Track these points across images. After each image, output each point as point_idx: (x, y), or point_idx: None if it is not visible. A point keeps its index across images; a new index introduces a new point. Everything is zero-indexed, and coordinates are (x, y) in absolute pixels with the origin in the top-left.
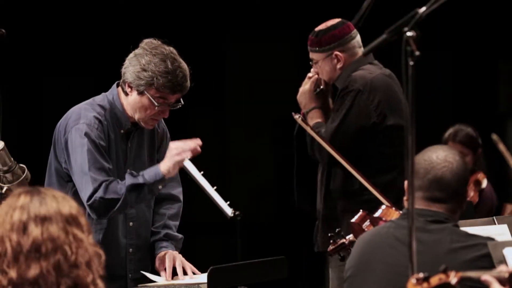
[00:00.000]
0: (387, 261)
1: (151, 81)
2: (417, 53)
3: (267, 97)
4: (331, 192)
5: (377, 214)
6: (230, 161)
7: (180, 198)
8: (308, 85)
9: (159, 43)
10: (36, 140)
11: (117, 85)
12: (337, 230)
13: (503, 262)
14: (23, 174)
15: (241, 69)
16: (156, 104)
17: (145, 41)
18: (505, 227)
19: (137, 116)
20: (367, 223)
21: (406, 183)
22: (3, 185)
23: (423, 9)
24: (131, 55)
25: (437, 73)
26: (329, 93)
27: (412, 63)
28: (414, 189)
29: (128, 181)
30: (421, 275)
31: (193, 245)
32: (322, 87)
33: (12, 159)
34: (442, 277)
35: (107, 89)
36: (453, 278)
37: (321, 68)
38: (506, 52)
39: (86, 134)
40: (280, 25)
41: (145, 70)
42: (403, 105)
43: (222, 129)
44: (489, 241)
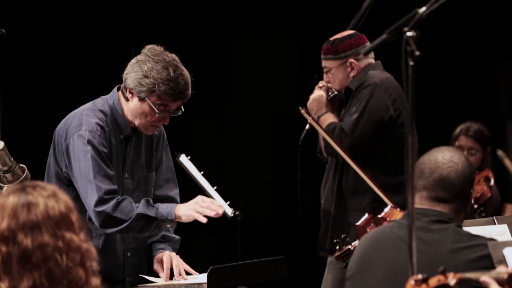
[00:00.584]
0: (389, 261)
1: (152, 88)
2: (417, 53)
3: (267, 97)
4: (343, 191)
5: (382, 214)
6: (230, 161)
7: (177, 199)
8: (320, 92)
9: (162, 49)
10: (36, 140)
11: (118, 89)
12: (342, 236)
13: (503, 262)
14: (23, 174)
15: (241, 69)
16: (157, 111)
17: (148, 47)
18: (505, 227)
19: (137, 122)
20: (372, 226)
21: None
22: (3, 185)
23: (423, 9)
24: (133, 61)
25: (437, 73)
26: (337, 102)
27: (412, 63)
28: (414, 189)
29: (140, 208)
30: (419, 276)
31: (193, 245)
32: (335, 92)
33: (12, 159)
34: (440, 278)
35: (107, 89)
36: (452, 279)
37: (334, 76)
38: (506, 52)
39: (89, 141)
40: (280, 25)
41: (147, 76)
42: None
43: (222, 129)
44: (489, 241)
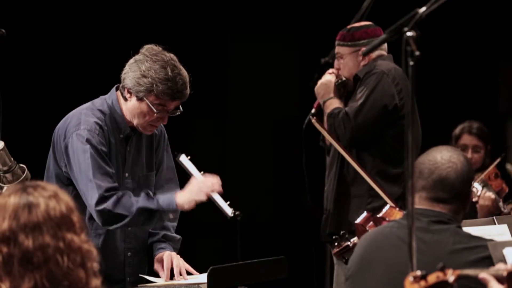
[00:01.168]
0: (389, 261)
1: (150, 88)
2: (417, 53)
3: (267, 97)
4: (344, 179)
5: (381, 214)
6: (230, 161)
7: None
8: (329, 77)
9: (160, 49)
10: (36, 140)
11: (116, 89)
12: (341, 232)
13: (503, 262)
14: (23, 174)
15: (241, 69)
16: (155, 110)
17: (146, 47)
18: (505, 227)
19: (135, 121)
20: (370, 224)
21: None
22: (3, 185)
23: (423, 9)
24: (131, 60)
25: (437, 73)
26: (345, 90)
27: (412, 63)
28: (414, 189)
29: (141, 202)
30: (418, 273)
31: (193, 245)
32: (344, 79)
33: (12, 159)
34: (439, 275)
35: (107, 90)
36: (451, 276)
37: (344, 62)
38: (506, 52)
39: (87, 140)
40: (280, 25)
41: (145, 76)
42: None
43: (222, 129)
44: (489, 242)
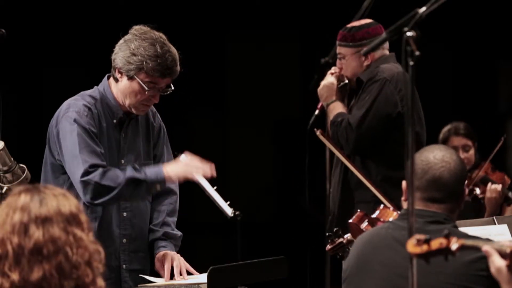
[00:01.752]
0: (385, 262)
1: (140, 65)
2: (417, 53)
3: (267, 97)
4: (349, 183)
5: (375, 214)
6: (230, 161)
7: (176, 190)
8: (331, 78)
9: (148, 28)
10: (36, 140)
11: (108, 78)
12: (335, 229)
13: None
14: (23, 174)
15: (241, 69)
16: (146, 88)
17: (135, 27)
18: (505, 227)
19: (127, 102)
20: (365, 224)
21: (404, 184)
22: (3, 185)
23: (423, 9)
24: (121, 41)
25: (437, 72)
26: (347, 91)
27: (412, 63)
28: (413, 189)
29: (128, 173)
30: (422, 237)
31: (193, 245)
32: (346, 81)
33: (12, 159)
34: (443, 241)
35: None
36: (454, 243)
37: (347, 63)
38: (505, 52)
39: (75, 120)
40: (280, 25)
41: (134, 54)
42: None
43: (222, 129)
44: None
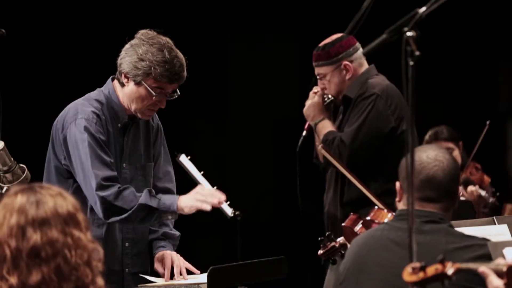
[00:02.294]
0: (382, 264)
1: (148, 71)
2: (417, 53)
3: (267, 97)
4: (348, 201)
5: (369, 216)
6: (230, 161)
7: (175, 191)
8: (316, 98)
9: (155, 33)
10: (36, 140)
11: (112, 80)
12: (327, 233)
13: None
14: (23, 174)
15: (241, 69)
16: (153, 94)
17: (141, 32)
18: (505, 227)
19: (133, 107)
20: (360, 226)
21: (397, 184)
22: (3, 185)
23: (423, 9)
24: (127, 45)
25: (437, 73)
26: (332, 109)
27: (412, 63)
28: (413, 189)
29: (143, 198)
30: (417, 264)
31: (193, 245)
32: (331, 98)
33: (12, 159)
34: (438, 267)
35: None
36: (450, 268)
37: (329, 81)
38: (505, 52)
39: (85, 128)
40: (280, 25)
41: (142, 60)
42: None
43: (222, 129)
44: (489, 241)
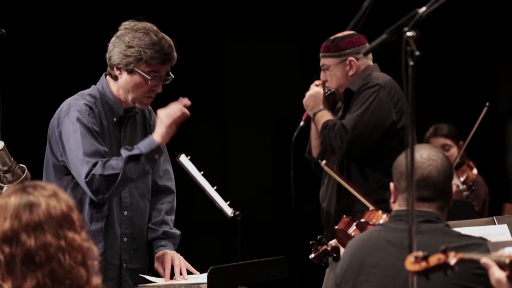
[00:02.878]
0: (380, 265)
1: (139, 56)
2: (417, 53)
3: (267, 97)
4: (345, 195)
5: (363, 218)
6: (230, 161)
7: (174, 189)
8: (317, 89)
9: (137, 21)
10: (36, 140)
11: (105, 76)
12: (318, 237)
13: None
14: (23, 174)
15: (241, 69)
16: (148, 78)
17: (124, 23)
18: (505, 227)
19: (130, 96)
20: (354, 228)
21: (392, 185)
22: (3, 185)
23: (423, 9)
24: (113, 38)
25: (437, 73)
26: (331, 102)
27: (412, 63)
28: (407, 190)
29: (124, 154)
30: (420, 254)
31: (193, 245)
32: (332, 89)
33: (12, 159)
34: (441, 257)
35: None
36: (452, 258)
37: (332, 74)
38: (506, 52)
39: (77, 119)
40: (280, 25)
41: (131, 46)
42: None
43: (222, 129)
44: (489, 241)
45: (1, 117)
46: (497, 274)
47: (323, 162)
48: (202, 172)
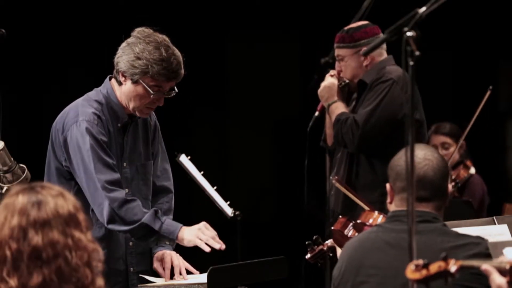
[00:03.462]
0: (378, 266)
1: (145, 70)
2: (417, 53)
3: (267, 97)
4: (354, 184)
5: (359, 219)
6: (230, 161)
7: (172, 189)
8: (331, 80)
9: (151, 31)
10: (36, 140)
11: (110, 79)
12: (314, 237)
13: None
14: (23, 174)
15: (241, 69)
16: (151, 92)
17: (137, 30)
18: (505, 227)
19: (131, 105)
20: (350, 229)
21: (388, 186)
22: (3, 185)
23: (423, 9)
24: (124, 44)
25: (437, 73)
26: (346, 93)
27: (412, 63)
28: (407, 190)
29: (147, 218)
30: (420, 262)
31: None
32: (347, 81)
33: (12, 159)
34: (441, 264)
35: None
36: (453, 266)
37: (346, 64)
38: (506, 52)
39: (87, 130)
40: (280, 25)
41: (139, 58)
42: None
43: (222, 129)
44: (488, 241)
45: (1, 117)
46: (498, 280)
47: (334, 178)
48: (202, 172)
